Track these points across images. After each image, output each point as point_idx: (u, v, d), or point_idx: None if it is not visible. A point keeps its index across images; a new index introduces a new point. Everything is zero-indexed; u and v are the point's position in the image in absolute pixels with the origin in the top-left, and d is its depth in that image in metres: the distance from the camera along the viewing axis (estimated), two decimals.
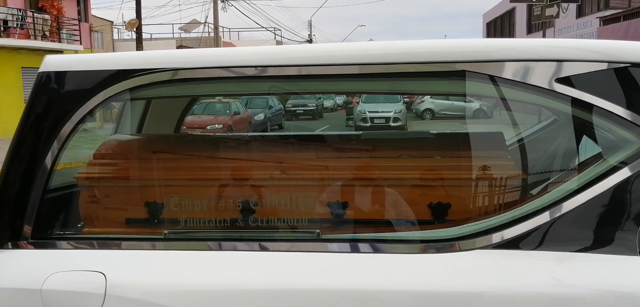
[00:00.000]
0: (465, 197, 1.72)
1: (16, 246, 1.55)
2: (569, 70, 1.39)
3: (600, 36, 18.66)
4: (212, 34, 26.26)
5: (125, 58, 1.59)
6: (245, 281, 1.42)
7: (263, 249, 1.50)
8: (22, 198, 1.54)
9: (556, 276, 1.34)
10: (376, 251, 1.45)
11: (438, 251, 1.42)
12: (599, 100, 1.37)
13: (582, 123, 1.48)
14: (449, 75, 1.49)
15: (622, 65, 1.38)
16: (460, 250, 1.40)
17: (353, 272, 1.41)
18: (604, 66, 1.38)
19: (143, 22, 20.82)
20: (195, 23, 26.02)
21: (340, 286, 1.39)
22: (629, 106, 1.36)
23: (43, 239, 1.57)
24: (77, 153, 1.82)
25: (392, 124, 14.28)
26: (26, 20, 20.17)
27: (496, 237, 1.39)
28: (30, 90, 1.60)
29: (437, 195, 1.72)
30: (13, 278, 1.49)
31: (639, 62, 1.38)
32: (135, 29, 19.92)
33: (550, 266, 1.34)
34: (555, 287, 1.32)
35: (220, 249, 1.52)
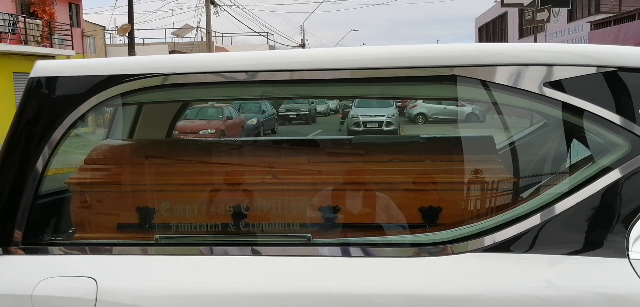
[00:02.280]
0: (456, 200, 1.73)
1: (7, 252, 1.53)
2: (558, 74, 1.41)
3: (591, 40, 18.84)
4: (204, 39, 26.22)
5: (116, 63, 1.58)
6: (236, 286, 1.42)
7: (254, 253, 1.50)
8: (12, 203, 1.53)
9: (547, 278, 1.34)
10: (368, 254, 1.45)
11: (430, 254, 1.42)
12: (588, 104, 1.38)
13: (572, 127, 1.49)
14: (441, 79, 1.49)
15: (611, 69, 1.39)
16: (453, 253, 1.41)
17: (345, 276, 1.41)
18: (592, 70, 1.40)
19: (135, 27, 20.77)
20: (187, 28, 25.99)
21: (332, 290, 1.39)
22: (617, 110, 1.37)
23: (34, 245, 1.56)
24: (68, 158, 1.81)
25: (385, 128, 14.31)
26: (18, 26, 20.06)
27: (488, 240, 1.40)
28: (21, 95, 1.59)
29: (429, 199, 1.72)
30: (3, 284, 1.48)
31: (627, 66, 1.39)
32: (127, 34, 19.87)
33: (541, 268, 1.34)
34: (547, 290, 1.33)
35: (211, 253, 1.52)
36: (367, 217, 1.78)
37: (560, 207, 1.37)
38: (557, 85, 1.40)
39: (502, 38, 32.85)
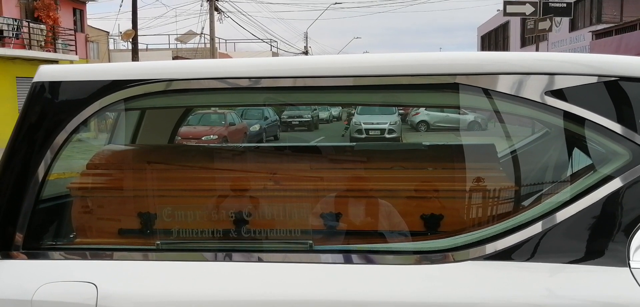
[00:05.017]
0: (458, 208, 1.72)
1: (7, 256, 1.54)
2: (560, 83, 1.41)
3: (592, 50, 18.85)
4: (208, 45, 26.30)
5: (119, 68, 1.59)
6: (238, 292, 1.42)
7: (256, 260, 1.49)
8: (14, 208, 1.53)
9: (548, 287, 1.34)
10: (370, 262, 1.45)
11: (432, 262, 1.42)
12: (589, 113, 1.39)
13: (573, 136, 1.50)
14: (443, 87, 1.50)
15: (612, 79, 1.40)
16: (454, 261, 1.40)
17: (346, 283, 1.41)
18: (594, 80, 1.40)
19: (139, 33, 20.85)
20: (191, 34, 26.07)
21: (333, 297, 1.38)
22: (618, 119, 1.37)
23: (35, 250, 1.56)
24: (70, 163, 1.82)
25: (387, 136, 14.32)
26: (22, 30, 20.15)
27: (489, 248, 1.40)
28: (24, 99, 1.60)
29: (430, 206, 1.72)
30: (3, 289, 1.48)
31: (628, 76, 1.39)
32: (131, 40, 19.95)
33: (542, 277, 1.34)
34: (547, 298, 1.33)
35: (213, 260, 1.52)
36: (369, 224, 1.77)
37: (562, 215, 1.37)
38: (559, 94, 1.41)
39: (505, 47, 32.89)
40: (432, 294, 1.36)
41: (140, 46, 22.18)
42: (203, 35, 26.42)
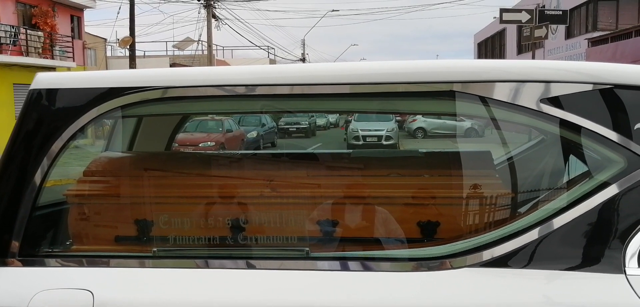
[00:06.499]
0: (454, 215, 1.73)
1: (3, 264, 1.53)
2: (555, 91, 1.42)
3: (588, 57, 18.95)
4: (205, 52, 26.32)
5: (116, 76, 1.59)
6: (234, 299, 1.42)
7: (252, 267, 1.49)
8: (10, 215, 1.53)
9: (545, 294, 1.34)
10: (366, 269, 1.45)
11: (429, 268, 1.42)
12: (585, 120, 1.39)
13: (569, 143, 1.50)
14: (440, 95, 1.50)
15: (607, 86, 1.41)
16: (451, 268, 1.41)
17: (343, 291, 1.40)
18: (589, 87, 1.41)
19: (137, 40, 20.87)
20: (188, 41, 26.09)
21: (330, 304, 1.38)
22: (613, 127, 1.38)
23: (31, 257, 1.55)
24: (67, 170, 1.81)
25: (385, 143, 14.35)
26: (19, 37, 20.14)
27: (486, 255, 1.40)
28: (21, 106, 1.60)
29: (427, 213, 1.72)
30: None
31: (623, 83, 1.40)
32: (128, 47, 19.95)
33: (538, 284, 1.34)
34: (544, 305, 1.33)
35: (209, 267, 1.51)
36: (366, 231, 1.78)
37: (558, 222, 1.38)
38: (555, 101, 1.41)
39: (501, 54, 33.04)
40: (429, 301, 1.36)
41: (137, 53, 22.18)
42: (200, 42, 26.47)
